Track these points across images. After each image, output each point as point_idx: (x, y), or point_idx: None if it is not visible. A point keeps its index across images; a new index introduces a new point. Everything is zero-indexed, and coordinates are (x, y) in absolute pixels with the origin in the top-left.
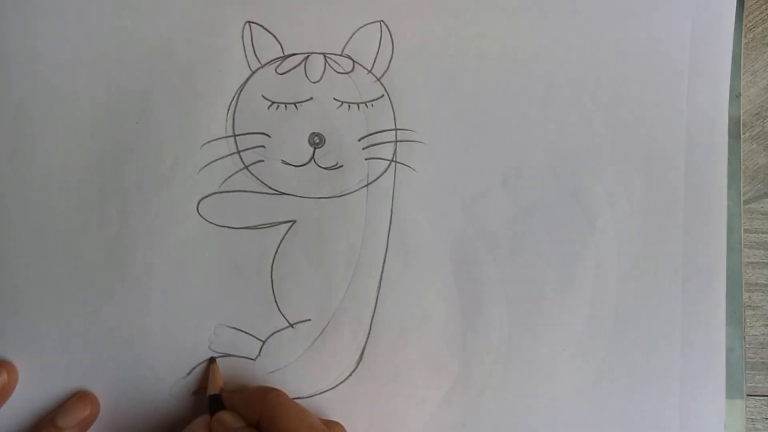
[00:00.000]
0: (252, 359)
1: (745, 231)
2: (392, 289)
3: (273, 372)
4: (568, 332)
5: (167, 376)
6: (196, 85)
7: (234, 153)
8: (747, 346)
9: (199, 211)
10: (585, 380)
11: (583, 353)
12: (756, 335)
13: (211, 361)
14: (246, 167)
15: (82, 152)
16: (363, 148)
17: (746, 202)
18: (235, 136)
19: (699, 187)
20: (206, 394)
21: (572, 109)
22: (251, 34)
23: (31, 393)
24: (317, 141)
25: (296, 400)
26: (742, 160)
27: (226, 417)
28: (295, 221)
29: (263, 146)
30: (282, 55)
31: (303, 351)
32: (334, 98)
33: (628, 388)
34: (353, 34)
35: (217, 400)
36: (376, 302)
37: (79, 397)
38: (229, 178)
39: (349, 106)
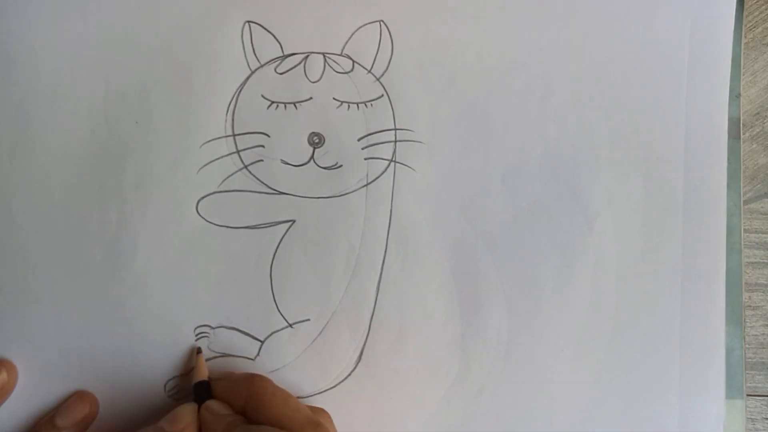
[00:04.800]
0: (251, 359)
1: (745, 231)
2: (391, 289)
3: (272, 372)
4: (567, 332)
5: (166, 376)
6: (196, 85)
7: (233, 153)
8: (747, 346)
9: (199, 210)
10: (584, 381)
11: (582, 353)
12: (756, 335)
13: (197, 351)
14: (245, 167)
15: (82, 152)
16: (362, 148)
17: (746, 202)
18: (234, 135)
19: (698, 187)
20: (192, 382)
21: (572, 109)
22: (251, 34)
23: (31, 392)
24: (317, 141)
25: None
26: (742, 160)
27: (215, 405)
28: (294, 221)
29: (262, 146)
30: (281, 54)
31: (302, 351)
32: (334, 98)
33: (628, 389)
34: (353, 34)
35: (203, 388)
36: (375, 302)
37: (78, 396)
38: (228, 177)
39: (349, 105)
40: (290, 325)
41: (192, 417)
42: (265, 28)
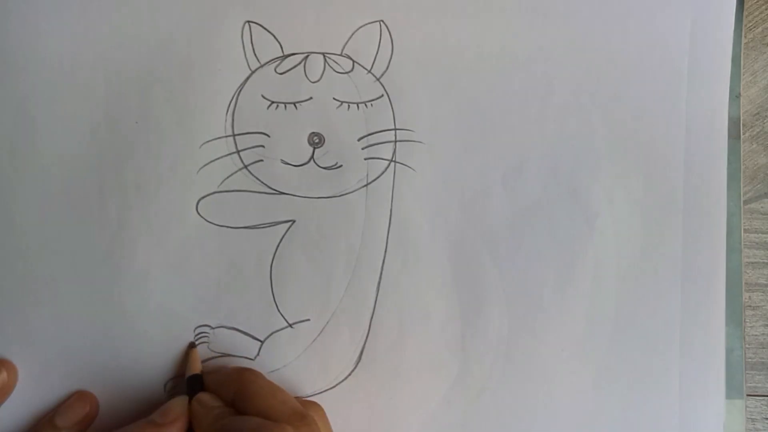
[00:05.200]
0: (251, 359)
1: (745, 231)
2: (391, 289)
3: (272, 372)
4: (568, 332)
5: (166, 376)
6: (196, 85)
7: (233, 152)
8: (747, 346)
9: (199, 210)
10: (584, 381)
11: (583, 354)
12: (756, 335)
13: (191, 346)
14: (245, 167)
15: (82, 152)
16: (362, 148)
17: (746, 202)
18: (234, 135)
19: (698, 187)
20: (185, 376)
21: (572, 109)
22: (251, 34)
23: (31, 392)
24: (317, 141)
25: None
26: (742, 160)
27: (205, 397)
28: (294, 221)
29: (263, 146)
30: (281, 54)
31: (302, 351)
32: (334, 98)
33: (628, 389)
34: (353, 34)
35: (196, 381)
36: (375, 302)
37: (78, 396)
38: (228, 177)
39: (349, 105)
40: (290, 325)
41: (182, 409)
42: (265, 28)
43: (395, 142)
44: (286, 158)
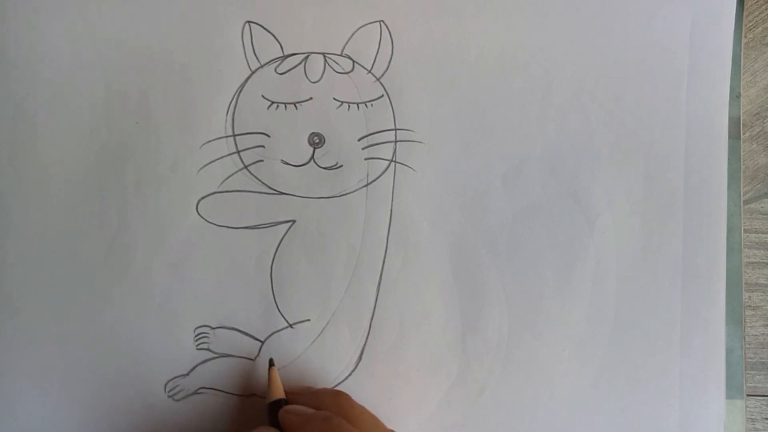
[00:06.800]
0: (251, 359)
1: (745, 231)
2: (392, 289)
3: None
4: (568, 332)
5: (166, 376)
6: (196, 85)
7: (233, 153)
8: (747, 346)
9: (199, 210)
10: (584, 381)
11: (583, 353)
12: (756, 335)
13: (270, 364)
14: (245, 167)
15: (82, 152)
16: (363, 148)
17: (746, 202)
18: (234, 135)
19: (699, 187)
20: (267, 401)
21: (572, 110)
22: (251, 34)
23: (30, 393)
24: (317, 141)
25: None
26: (742, 160)
27: (296, 407)
28: (294, 221)
29: (263, 146)
30: (282, 54)
31: (302, 351)
32: (334, 98)
33: (628, 389)
34: (353, 34)
35: (281, 407)
36: (376, 302)
37: None
38: (228, 177)
39: (349, 106)
40: (290, 326)
41: None
42: (265, 28)
43: (395, 142)
44: (286, 158)
